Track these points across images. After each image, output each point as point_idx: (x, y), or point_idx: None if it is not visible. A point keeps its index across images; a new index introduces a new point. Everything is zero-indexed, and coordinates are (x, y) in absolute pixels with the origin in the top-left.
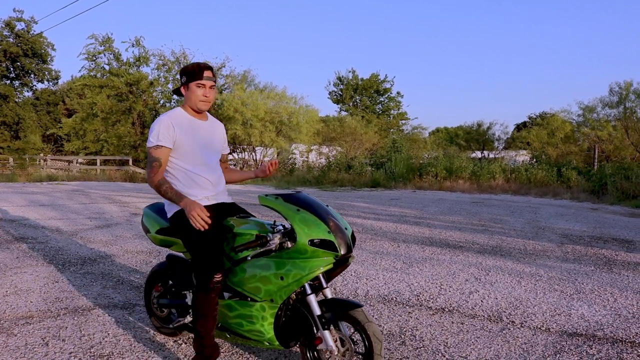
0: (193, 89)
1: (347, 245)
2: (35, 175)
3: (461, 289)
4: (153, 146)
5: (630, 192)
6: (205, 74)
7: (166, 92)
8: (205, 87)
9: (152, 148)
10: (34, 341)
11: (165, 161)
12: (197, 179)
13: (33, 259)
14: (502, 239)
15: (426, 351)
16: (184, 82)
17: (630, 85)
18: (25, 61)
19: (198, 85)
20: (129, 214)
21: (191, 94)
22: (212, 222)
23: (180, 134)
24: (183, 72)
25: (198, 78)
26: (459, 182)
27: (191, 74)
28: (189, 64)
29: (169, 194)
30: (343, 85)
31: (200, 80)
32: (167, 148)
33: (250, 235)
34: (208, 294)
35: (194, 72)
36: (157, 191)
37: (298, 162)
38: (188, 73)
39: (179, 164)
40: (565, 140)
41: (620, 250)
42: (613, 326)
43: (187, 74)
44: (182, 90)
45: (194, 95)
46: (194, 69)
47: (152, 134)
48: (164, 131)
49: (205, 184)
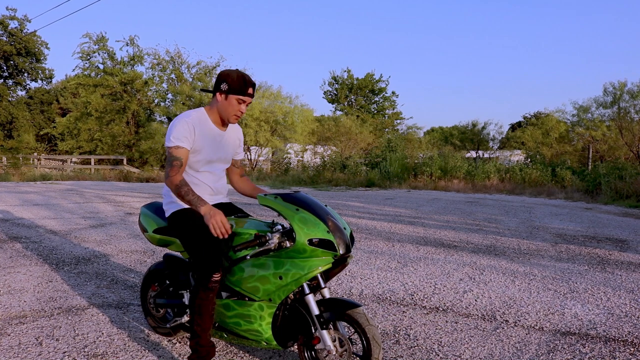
0: (232, 101)
1: (346, 244)
2: (28, 175)
3: (455, 288)
4: (174, 146)
5: (624, 192)
6: (249, 91)
7: (160, 91)
8: (244, 103)
9: (172, 148)
10: (27, 341)
11: (185, 161)
12: (199, 184)
13: (27, 258)
14: (496, 238)
15: (420, 350)
16: (224, 91)
17: (625, 86)
18: (18, 60)
19: (239, 100)
20: (124, 213)
21: (228, 105)
22: None
23: (199, 140)
24: (225, 79)
25: (242, 93)
26: (453, 182)
27: (236, 87)
28: (234, 71)
29: (189, 197)
30: (338, 85)
31: (244, 96)
32: (187, 149)
33: (249, 234)
34: (206, 293)
35: (239, 85)
36: (175, 191)
37: (293, 162)
38: (232, 84)
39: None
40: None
41: (613, 250)
42: (606, 325)
43: (231, 84)
44: (217, 95)
45: (231, 107)
46: (240, 83)
47: (173, 134)
48: (185, 132)
49: (205, 190)
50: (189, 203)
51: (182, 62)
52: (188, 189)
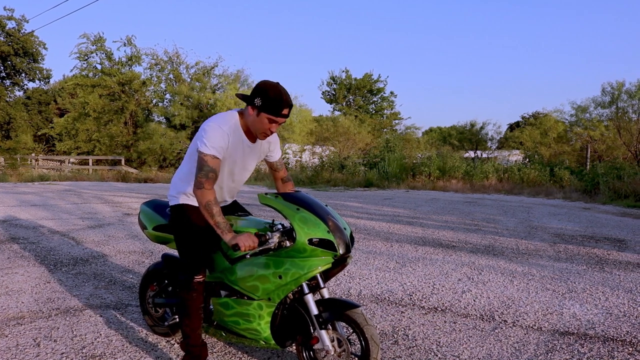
0: (263, 119)
1: (346, 245)
2: (26, 175)
3: (454, 288)
4: (210, 155)
5: (622, 192)
6: (284, 112)
7: (159, 91)
8: (277, 123)
9: (209, 156)
10: (25, 342)
11: (219, 173)
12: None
13: (24, 259)
14: (494, 238)
15: (419, 350)
16: (257, 106)
17: (623, 86)
18: (16, 60)
19: (270, 120)
20: (122, 214)
21: (259, 122)
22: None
23: (229, 152)
24: (261, 94)
25: (276, 114)
26: (452, 182)
27: (270, 105)
28: (272, 87)
29: (217, 219)
30: (336, 85)
31: (276, 117)
32: (220, 161)
33: None
34: (190, 293)
35: (275, 105)
36: (205, 207)
37: (291, 162)
38: (267, 102)
39: None
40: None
41: (612, 250)
42: (604, 325)
43: (266, 101)
44: (250, 109)
45: (261, 125)
46: (277, 102)
47: (210, 141)
48: (222, 143)
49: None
50: (215, 224)
51: (180, 62)
52: (219, 210)
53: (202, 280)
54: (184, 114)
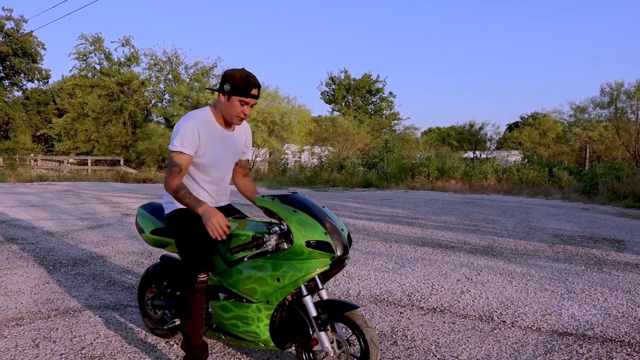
0: (234, 102)
1: (344, 246)
2: (25, 176)
3: (453, 289)
4: (176, 151)
5: (621, 192)
6: (252, 92)
7: (157, 92)
8: (248, 104)
9: (174, 153)
10: (24, 343)
11: (186, 167)
12: (199, 190)
13: (23, 260)
14: (493, 239)
15: (417, 351)
16: (227, 91)
17: (621, 86)
18: (15, 60)
19: (241, 102)
20: (121, 214)
21: (230, 106)
22: None
23: (204, 143)
24: (228, 80)
25: (245, 95)
26: (451, 182)
27: (238, 88)
28: (238, 71)
29: (187, 200)
30: (335, 86)
31: (246, 97)
32: (189, 155)
33: (246, 236)
34: (193, 294)
35: (242, 86)
36: (174, 196)
37: (290, 163)
38: (234, 84)
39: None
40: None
41: (610, 250)
42: (603, 325)
43: (234, 85)
44: (220, 96)
45: (233, 109)
46: (243, 84)
47: (177, 138)
48: (190, 137)
49: (205, 197)
50: (187, 205)
51: (179, 62)
52: (185, 192)
53: (205, 279)
54: (183, 114)
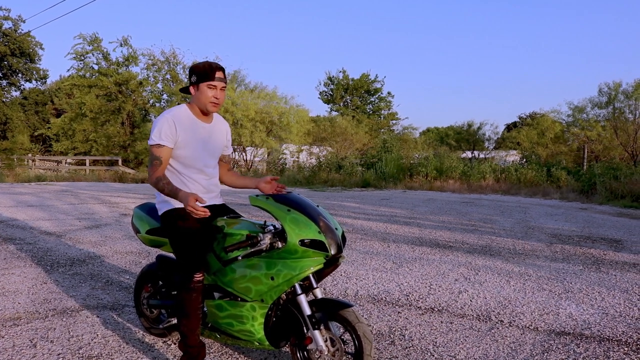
0: (203, 89)
1: (338, 245)
2: (23, 176)
3: (450, 288)
4: (155, 144)
5: (618, 192)
6: (217, 75)
7: (156, 92)
8: (216, 88)
9: (153, 146)
10: (21, 343)
11: (166, 160)
12: (189, 183)
13: (21, 260)
14: (491, 238)
15: (415, 351)
16: (194, 82)
17: (619, 86)
18: (12, 60)
19: (209, 86)
20: (118, 214)
21: (201, 94)
22: (200, 222)
23: (182, 135)
24: (193, 71)
25: (210, 79)
26: (449, 182)
27: (202, 74)
28: (199, 62)
29: (166, 190)
30: (333, 85)
31: (212, 81)
32: (168, 147)
33: (240, 235)
34: (189, 293)
35: (205, 72)
36: (155, 187)
37: (288, 163)
38: (199, 73)
39: (174, 165)
40: (555, 140)
41: (608, 250)
42: (600, 325)
43: (198, 73)
44: (191, 89)
45: (204, 96)
46: (205, 69)
47: (154, 132)
48: (166, 130)
49: (197, 189)
50: (169, 195)
51: (177, 62)
52: (165, 183)
53: (201, 278)
54: None
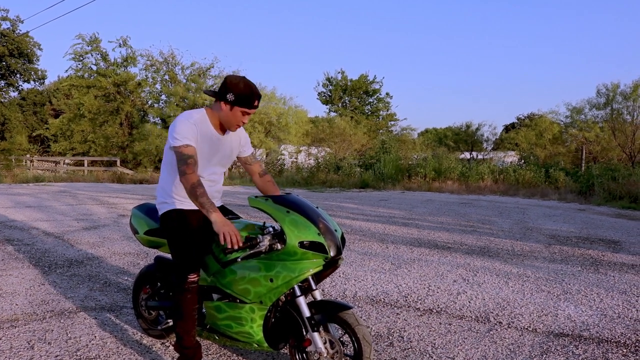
0: (237, 113)
1: (337, 247)
2: (21, 176)
3: (449, 289)
4: (183, 144)
5: (617, 193)
6: (255, 103)
7: (154, 92)
8: (249, 114)
9: (182, 146)
10: (19, 344)
11: (196, 159)
12: None
13: (19, 261)
14: (490, 239)
15: (414, 352)
16: (230, 102)
17: (618, 87)
18: (11, 61)
19: (243, 113)
20: (117, 215)
21: (232, 116)
22: (200, 223)
23: (199, 142)
24: (231, 90)
25: (248, 106)
26: (447, 183)
27: (242, 99)
28: (241, 80)
29: (203, 199)
30: (332, 86)
31: (249, 109)
32: (194, 147)
33: None
34: (184, 294)
35: (247, 99)
36: (190, 190)
37: (287, 163)
38: (239, 96)
39: None
40: (553, 141)
41: (606, 251)
42: (599, 326)
43: (238, 96)
44: (222, 105)
45: (235, 118)
46: (247, 96)
47: (178, 133)
48: (190, 133)
49: None
50: (200, 205)
51: (175, 63)
52: (204, 191)
53: (196, 279)
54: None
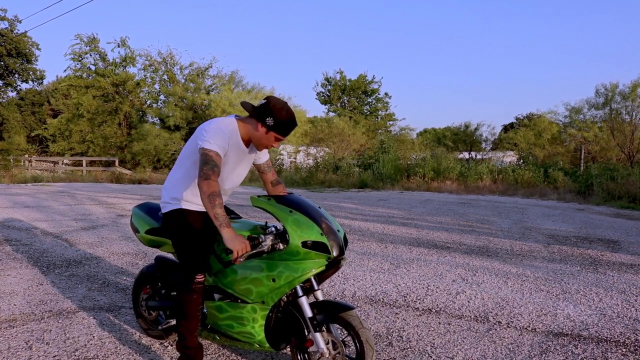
0: (271, 137)
1: (340, 247)
2: (19, 177)
3: (448, 289)
4: (215, 151)
5: (615, 193)
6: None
7: (153, 92)
8: (280, 141)
9: (212, 151)
10: (17, 345)
11: (220, 169)
12: None
13: (17, 261)
14: (489, 239)
15: (413, 352)
16: (268, 126)
17: (616, 87)
18: (9, 61)
19: (277, 138)
20: (115, 215)
21: (266, 139)
22: (204, 224)
23: (227, 155)
24: (272, 114)
25: (284, 134)
26: (446, 183)
27: (281, 126)
28: (284, 107)
29: (219, 210)
30: (331, 86)
31: (284, 136)
32: (222, 158)
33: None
34: (190, 294)
35: (286, 127)
36: (208, 197)
37: (286, 163)
38: (278, 123)
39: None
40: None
41: (605, 251)
42: (598, 326)
43: (277, 122)
44: (258, 126)
45: (266, 140)
46: (287, 124)
47: (214, 139)
48: (223, 143)
49: None
50: (214, 215)
51: (174, 63)
52: (221, 202)
53: (202, 279)
54: (178, 115)
